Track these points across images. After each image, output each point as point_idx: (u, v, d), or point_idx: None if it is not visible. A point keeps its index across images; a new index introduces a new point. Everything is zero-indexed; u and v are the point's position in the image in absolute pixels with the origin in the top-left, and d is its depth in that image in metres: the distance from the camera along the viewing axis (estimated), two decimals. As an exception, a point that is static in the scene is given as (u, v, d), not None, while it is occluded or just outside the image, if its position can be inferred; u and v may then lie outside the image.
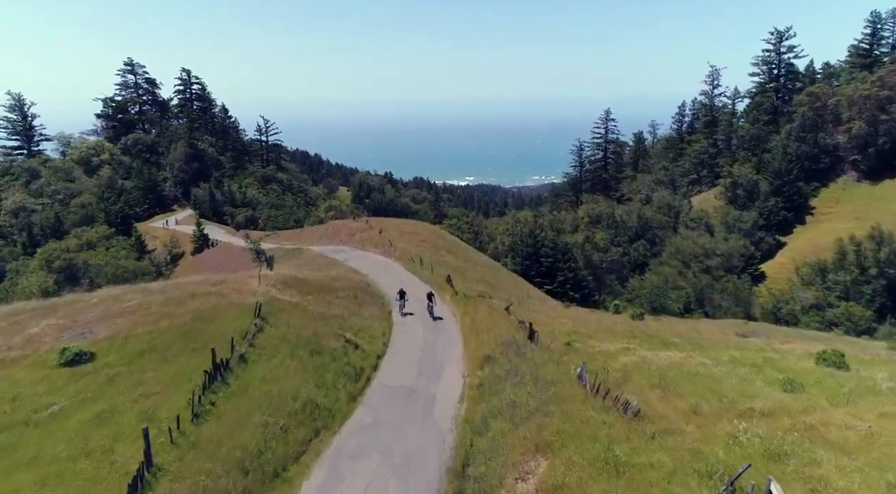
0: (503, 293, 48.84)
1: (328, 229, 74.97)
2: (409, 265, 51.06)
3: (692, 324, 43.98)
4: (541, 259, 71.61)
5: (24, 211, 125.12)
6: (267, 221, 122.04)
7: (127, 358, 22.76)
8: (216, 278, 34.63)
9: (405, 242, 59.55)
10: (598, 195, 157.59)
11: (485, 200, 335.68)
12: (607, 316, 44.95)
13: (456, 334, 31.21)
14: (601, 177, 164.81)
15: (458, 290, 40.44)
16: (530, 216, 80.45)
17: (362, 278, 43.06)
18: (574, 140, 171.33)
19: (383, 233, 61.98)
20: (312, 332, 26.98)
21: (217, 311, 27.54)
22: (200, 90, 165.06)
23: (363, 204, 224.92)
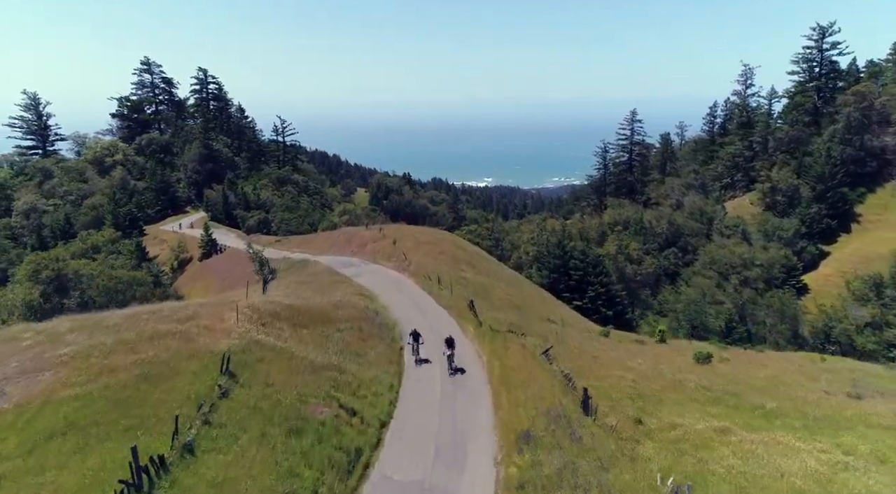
0: (533, 318, 41.72)
1: (340, 237, 68.35)
2: (426, 283, 44.16)
3: (760, 360, 36.50)
4: (570, 271, 64.31)
5: (35, 212, 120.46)
6: (280, 224, 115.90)
7: (30, 443, 16.05)
8: (190, 309, 27.91)
9: (421, 254, 52.67)
10: (622, 199, 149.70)
11: (503, 202, 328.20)
12: (662, 351, 37.60)
13: (483, 389, 24.17)
14: (626, 180, 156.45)
15: (482, 320, 33.40)
16: (558, 224, 72.82)
17: (370, 303, 36.18)
18: (596, 142, 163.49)
19: (398, 244, 55.20)
20: (296, 395, 20.10)
21: (175, 363, 20.81)
22: (217, 90, 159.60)
23: (381, 205, 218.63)
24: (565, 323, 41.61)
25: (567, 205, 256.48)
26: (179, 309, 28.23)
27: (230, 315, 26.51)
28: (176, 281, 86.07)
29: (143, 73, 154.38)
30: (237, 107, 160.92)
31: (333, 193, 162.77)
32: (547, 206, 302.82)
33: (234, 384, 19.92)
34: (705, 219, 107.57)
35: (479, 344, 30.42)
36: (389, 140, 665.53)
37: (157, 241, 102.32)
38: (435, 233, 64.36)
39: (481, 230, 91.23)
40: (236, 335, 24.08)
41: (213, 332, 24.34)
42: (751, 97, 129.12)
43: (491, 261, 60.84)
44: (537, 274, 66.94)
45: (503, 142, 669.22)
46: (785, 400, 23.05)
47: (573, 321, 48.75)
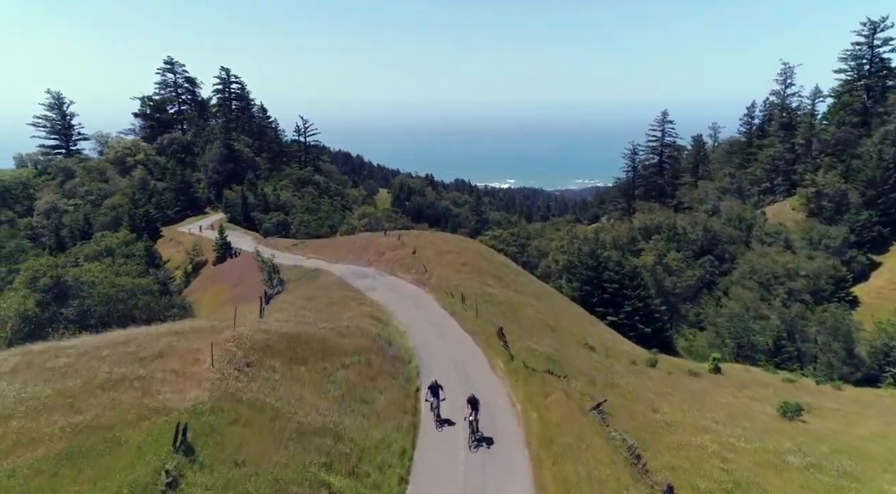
0: (569, 343, 35.89)
1: (357, 243, 63.15)
2: (448, 301, 38.66)
3: (845, 402, 30.26)
4: (604, 284, 58.28)
5: (55, 211, 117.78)
6: (300, 227, 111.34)
7: None
8: (163, 341, 22.67)
9: (443, 266, 47.17)
10: (652, 202, 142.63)
11: (527, 204, 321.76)
12: (722, 387, 31.53)
13: (519, 457, 18.58)
14: (656, 183, 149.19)
15: (513, 354, 27.75)
16: (590, 231, 66.59)
17: (383, 329, 30.69)
18: (620, 143, 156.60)
19: (418, 254, 49.76)
20: (272, 480, 14.75)
21: (118, 431, 15.56)
22: (239, 89, 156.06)
23: (403, 206, 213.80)
24: (608, 351, 35.67)
25: (592, 207, 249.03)
26: (151, 340, 23.02)
27: (208, 353, 21.22)
28: (189, 285, 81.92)
29: (166, 72, 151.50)
30: (259, 106, 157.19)
31: (354, 194, 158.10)
32: (571, 209, 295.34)
33: (189, 465, 14.55)
34: (744, 226, 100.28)
35: (511, 386, 24.77)
36: (412, 141, 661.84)
37: (173, 243, 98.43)
38: (458, 241, 58.74)
39: (506, 235, 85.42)
40: (208, 384, 18.73)
41: (182, 379, 19.08)
42: (791, 97, 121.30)
43: (518, 273, 55.05)
44: (568, 285, 61.01)
45: (526, 143, 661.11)
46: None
47: (613, 343, 42.75)
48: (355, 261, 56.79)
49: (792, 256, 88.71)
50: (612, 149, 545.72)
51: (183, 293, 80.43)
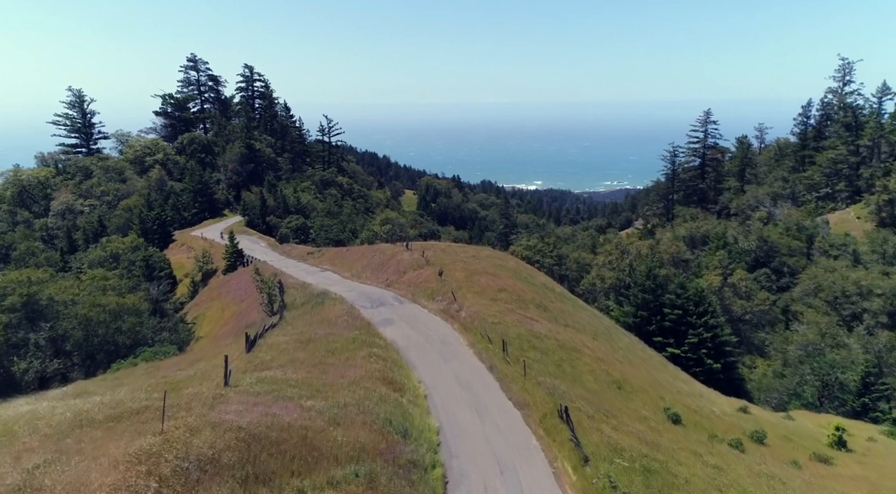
0: (647, 405, 26.10)
1: (376, 257, 53.92)
2: (484, 347, 29.10)
3: None
4: (663, 309, 48.15)
5: (70, 212, 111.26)
6: (319, 231, 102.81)
7: None
8: (45, 451, 13.72)
9: (476, 293, 37.65)
10: (692, 208, 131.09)
11: (554, 206, 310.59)
12: (871, 484, 21.68)
13: None
14: (697, 187, 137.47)
15: (588, 454, 18.10)
16: (645, 246, 55.90)
17: (395, 405, 21.12)
18: (650, 145, 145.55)
19: (445, 276, 40.27)
20: None
21: None
22: (263, 87, 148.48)
23: (429, 208, 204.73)
24: (696, 420, 25.74)
25: (624, 211, 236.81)
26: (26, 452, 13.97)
27: (115, 472, 12.04)
28: (196, 295, 73.72)
29: (189, 70, 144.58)
30: (283, 105, 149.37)
31: (378, 197, 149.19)
32: (600, 212, 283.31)
33: None
34: (804, 236, 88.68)
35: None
36: (439, 141, 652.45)
37: (185, 249, 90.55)
38: (490, 257, 48.94)
39: (541, 245, 75.41)
40: None
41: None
42: (850, 95, 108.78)
43: (564, 298, 45.09)
44: (619, 310, 50.96)
45: (553, 144, 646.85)
46: None
47: (694, 400, 32.61)
48: (372, 279, 47.54)
49: (864, 272, 77.15)
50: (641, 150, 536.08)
51: (186, 307, 72.28)
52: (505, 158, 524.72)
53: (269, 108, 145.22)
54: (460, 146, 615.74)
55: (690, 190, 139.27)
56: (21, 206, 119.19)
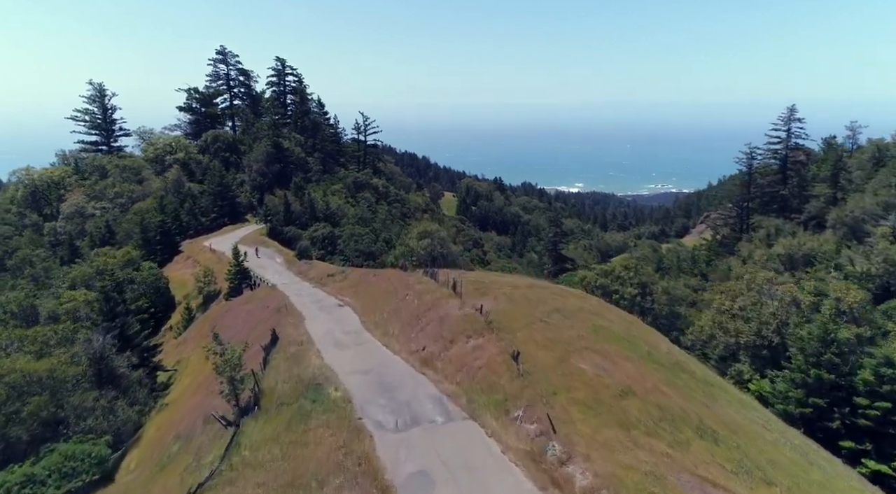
0: None
1: (410, 298, 36.71)
2: None
3: None
4: (854, 399, 29.54)
5: (79, 215, 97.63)
6: (349, 241, 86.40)
7: None
8: None
9: (583, 403, 19.82)
10: (773, 216, 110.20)
11: (598, 210, 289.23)
12: None
13: None
14: (777, 193, 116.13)
15: None
16: (805, 292, 36.57)
17: None
18: (697, 146, 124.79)
19: (522, 362, 22.47)
20: None
21: None
22: (296, 82, 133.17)
23: (469, 211, 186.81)
24: None
25: (677, 217, 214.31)
26: None
27: None
28: (189, 326, 57.82)
29: (218, 63, 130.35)
30: (316, 101, 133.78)
31: (417, 201, 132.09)
32: (648, 217, 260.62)
33: None
34: (948, 259, 67.67)
35: None
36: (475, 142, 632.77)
37: (190, 263, 75.14)
38: (581, 309, 30.73)
39: (620, 270, 57.00)
40: None
41: None
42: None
43: (714, 392, 26.47)
44: (770, 389, 32.49)
45: (591, 145, 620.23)
46: None
47: None
48: (402, 339, 30.34)
49: None
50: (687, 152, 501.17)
51: (174, 344, 56.34)
52: (543, 160, 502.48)
53: (301, 104, 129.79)
54: (497, 147, 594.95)
55: (768, 196, 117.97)
56: (32, 208, 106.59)
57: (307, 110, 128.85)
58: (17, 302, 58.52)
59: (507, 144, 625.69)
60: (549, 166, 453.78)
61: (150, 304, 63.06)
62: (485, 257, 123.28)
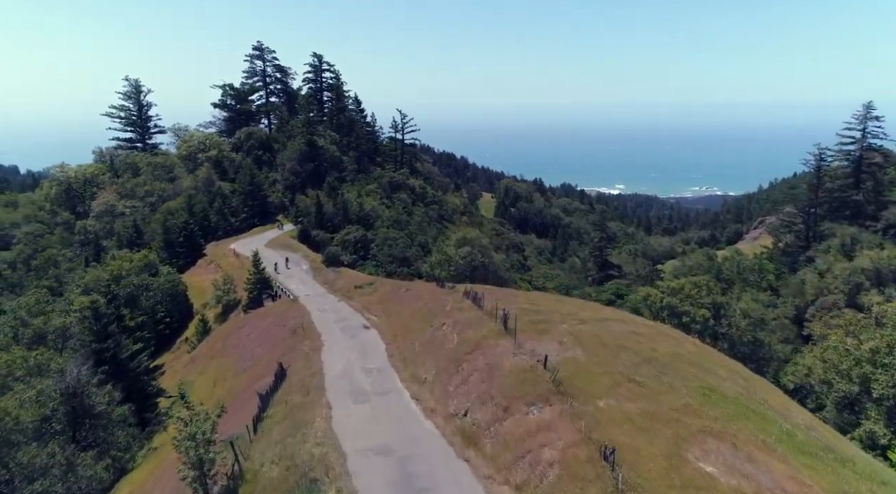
0: None
1: (447, 328, 29.17)
2: None
3: None
4: None
5: (109, 214, 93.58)
6: (382, 246, 79.36)
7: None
8: None
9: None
10: (845, 224, 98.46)
11: (640, 212, 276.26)
12: None
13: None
14: (850, 198, 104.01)
15: None
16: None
17: None
18: (741, 148, 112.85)
19: (617, 462, 15.04)
20: None
21: None
22: (333, 78, 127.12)
23: (508, 213, 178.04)
24: None
25: (727, 222, 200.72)
26: None
27: None
28: (203, 340, 51.55)
29: (254, 59, 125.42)
30: (353, 98, 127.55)
31: (455, 202, 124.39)
32: (693, 220, 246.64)
33: None
34: None
35: None
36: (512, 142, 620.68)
37: (212, 268, 69.23)
38: (678, 357, 22.77)
39: (693, 291, 48.09)
40: None
41: None
42: None
43: None
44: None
45: (632, 146, 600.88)
46: None
47: None
48: (437, 389, 22.84)
49: None
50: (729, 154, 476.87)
51: (184, 361, 50.08)
52: (582, 160, 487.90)
53: (337, 101, 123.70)
54: (536, 147, 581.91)
55: (838, 201, 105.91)
56: (66, 206, 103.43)
57: (343, 107, 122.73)
58: (27, 308, 53.44)
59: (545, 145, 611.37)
60: (588, 167, 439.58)
61: (165, 313, 57.35)
62: (525, 262, 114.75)
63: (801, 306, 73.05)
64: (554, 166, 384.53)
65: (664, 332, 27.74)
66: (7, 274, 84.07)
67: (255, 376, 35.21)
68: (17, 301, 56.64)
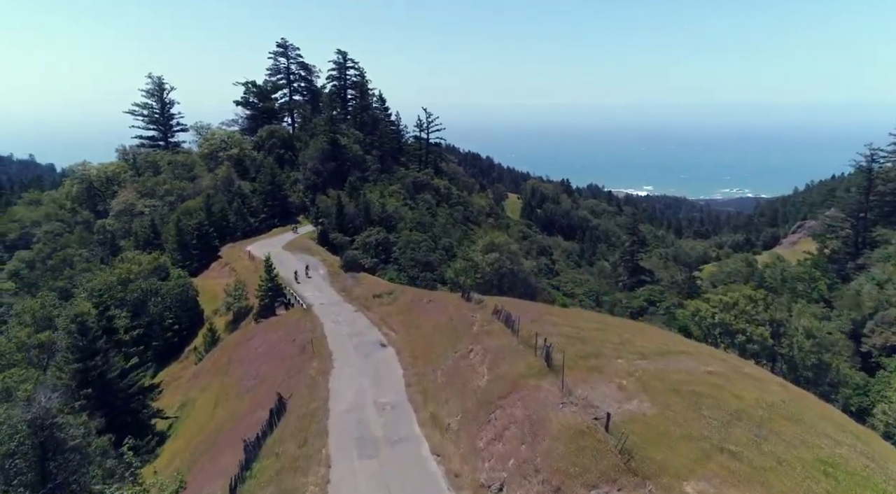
0: None
1: (472, 353, 24.32)
2: None
3: None
4: None
5: (127, 214, 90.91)
6: (405, 249, 74.87)
7: None
8: None
9: None
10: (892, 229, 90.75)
11: (669, 215, 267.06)
12: None
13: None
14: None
15: None
16: None
17: None
18: (771, 149, 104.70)
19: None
20: None
21: None
22: (357, 76, 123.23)
23: (534, 214, 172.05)
24: None
25: (762, 225, 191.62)
26: None
27: None
28: (209, 352, 47.51)
29: (278, 56, 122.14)
30: (378, 96, 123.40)
31: (481, 204, 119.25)
32: (724, 222, 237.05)
33: None
34: None
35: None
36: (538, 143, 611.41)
37: (227, 271, 65.42)
38: (768, 407, 17.72)
39: (748, 307, 42.23)
40: None
41: None
42: None
43: None
44: None
45: (661, 147, 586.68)
46: None
47: None
48: (464, 444, 18.01)
49: None
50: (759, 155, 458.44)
51: (186, 377, 46.05)
52: (609, 161, 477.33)
53: (361, 99, 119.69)
54: (561, 148, 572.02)
55: (891, 206, 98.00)
56: (87, 205, 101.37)
57: (367, 105, 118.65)
58: (31, 312, 50.21)
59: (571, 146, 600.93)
60: (615, 168, 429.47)
61: (174, 320, 53.61)
62: (554, 267, 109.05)
63: (857, 320, 66.28)
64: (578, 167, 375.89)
65: (742, 370, 22.34)
66: (24, 274, 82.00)
67: (257, 401, 30.84)
68: (21, 305, 53.59)
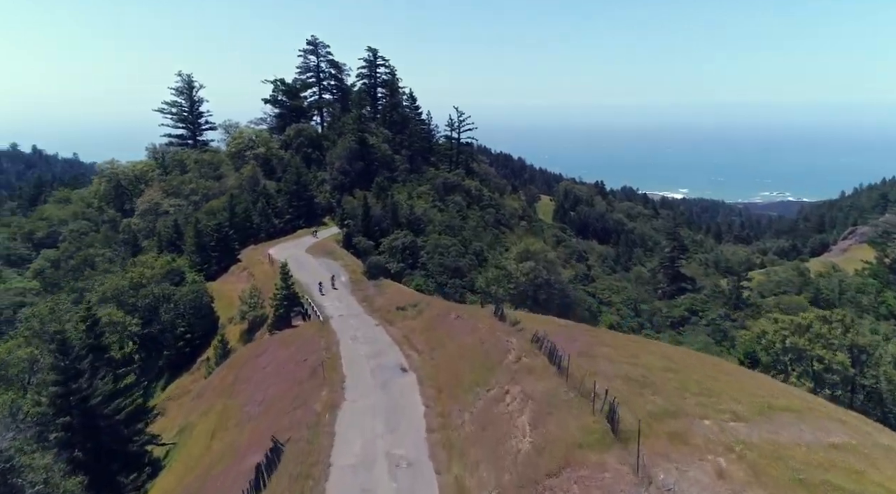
0: None
1: (508, 394, 19.46)
2: None
3: None
4: None
5: (152, 213, 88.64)
6: (433, 254, 70.09)
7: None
8: None
9: None
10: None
11: (705, 218, 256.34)
12: None
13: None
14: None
15: None
16: None
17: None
18: (814, 151, 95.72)
19: None
20: None
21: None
22: (388, 74, 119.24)
23: (567, 217, 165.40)
24: None
25: (809, 231, 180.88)
26: None
27: None
28: (219, 366, 43.60)
29: (308, 54, 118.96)
30: (408, 95, 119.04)
31: (513, 206, 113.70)
32: (766, 228, 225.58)
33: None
34: None
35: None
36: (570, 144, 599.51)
37: (245, 276, 61.65)
38: None
39: (823, 329, 36.14)
40: None
41: None
42: None
43: None
44: None
45: (697, 149, 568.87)
46: None
47: None
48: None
49: None
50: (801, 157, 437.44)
51: (191, 394, 42.10)
52: (643, 163, 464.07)
53: (391, 97, 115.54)
54: (593, 149, 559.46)
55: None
56: (114, 203, 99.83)
57: (397, 103, 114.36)
58: (39, 317, 47.23)
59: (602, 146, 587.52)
60: (649, 169, 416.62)
61: (186, 328, 49.96)
62: (590, 273, 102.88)
63: (936, 341, 58.73)
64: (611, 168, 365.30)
65: (879, 442, 16.79)
66: (49, 274, 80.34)
67: (256, 436, 26.41)
68: (31, 309, 50.77)
